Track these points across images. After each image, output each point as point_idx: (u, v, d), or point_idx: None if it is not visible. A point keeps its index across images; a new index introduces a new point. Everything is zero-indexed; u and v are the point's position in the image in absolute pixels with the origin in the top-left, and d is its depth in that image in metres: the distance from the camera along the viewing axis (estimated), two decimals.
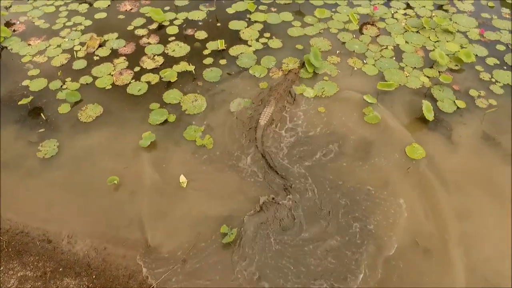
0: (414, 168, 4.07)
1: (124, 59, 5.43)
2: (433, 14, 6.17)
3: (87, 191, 3.97)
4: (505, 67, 5.25)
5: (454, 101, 4.77)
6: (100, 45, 5.70)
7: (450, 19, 6.06)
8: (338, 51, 5.54)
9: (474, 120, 4.56)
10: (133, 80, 5.11)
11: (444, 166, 4.08)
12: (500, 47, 5.57)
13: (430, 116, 4.48)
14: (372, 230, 3.60)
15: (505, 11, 6.30)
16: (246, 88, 4.95)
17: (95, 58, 5.49)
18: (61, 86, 5.04)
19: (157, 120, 4.56)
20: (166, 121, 4.57)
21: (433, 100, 4.79)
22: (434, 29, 5.88)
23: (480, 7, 6.38)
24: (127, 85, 5.05)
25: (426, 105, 4.50)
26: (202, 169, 4.11)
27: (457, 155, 4.19)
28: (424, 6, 6.39)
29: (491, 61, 5.34)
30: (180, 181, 3.95)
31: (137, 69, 5.28)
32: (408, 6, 6.40)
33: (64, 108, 4.76)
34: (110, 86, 5.04)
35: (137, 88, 4.98)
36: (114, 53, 5.56)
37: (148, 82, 5.08)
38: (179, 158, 4.22)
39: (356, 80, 5.06)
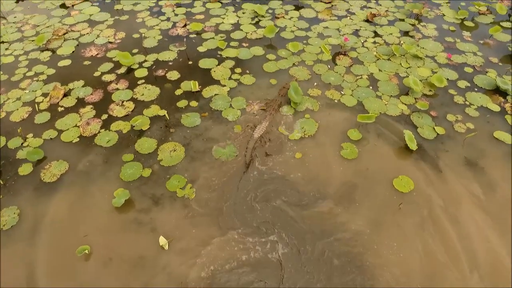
0: (405, 204, 3.93)
1: (91, 108, 5.10)
2: (401, 41, 6.33)
3: (53, 266, 3.50)
4: (476, 89, 5.37)
5: (434, 128, 4.76)
6: (65, 95, 5.35)
7: (418, 45, 6.23)
8: (315, 83, 5.49)
9: (455, 146, 4.54)
10: (102, 130, 4.77)
11: (434, 198, 3.96)
12: (468, 69, 5.74)
13: (413, 145, 4.41)
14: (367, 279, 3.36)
15: (466, 34, 6.58)
16: (224, 132, 4.73)
17: (60, 109, 5.12)
18: (22, 143, 4.61)
19: (131, 175, 4.21)
20: (141, 175, 4.23)
21: (414, 127, 4.77)
22: (404, 55, 6.00)
23: (443, 31, 6.63)
24: (96, 135, 4.70)
25: (408, 135, 4.45)
26: (185, 225, 3.77)
27: (445, 185, 4.10)
28: (391, 34, 6.57)
29: (462, 84, 5.46)
30: (160, 243, 3.58)
31: (105, 117, 4.95)
32: (376, 34, 6.55)
33: (25, 169, 4.31)
34: (78, 139, 4.67)
35: (106, 138, 4.63)
36: (81, 102, 5.22)
37: (119, 131, 4.75)
38: (159, 215, 3.87)
39: (336, 114, 4.97)
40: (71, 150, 4.55)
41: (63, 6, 7.53)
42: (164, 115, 4.89)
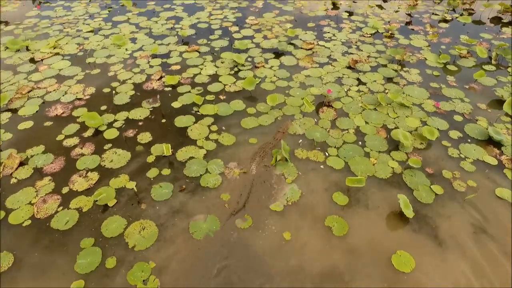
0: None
1: (50, 180, 4.52)
2: (386, 90, 6.10)
3: None
4: (469, 140, 5.07)
5: (430, 187, 4.36)
6: (22, 163, 4.78)
7: (403, 92, 6.00)
8: (300, 141, 5.08)
9: (458, 209, 4.11)
10: (60, 208, 4.17)
11: (439, 281, 3.46)
12: (458, 118, 5.48)
13: (409, 213, 3.97)
14: None
15: (450, 78, 6.43)
16: (202, 203, 4.19)
17: (12, 181, 4.53)
18: None
19: (88, 265, 3.58)
20: (102, 264, 3.61)
21: (409, 190, 4.35)
22: (390, 104, 5.73)
23: (427, 76, 6.47)
24: (52, 216, 4.09)
25: (404, 201, 4.01)
26: None
27: (450, 262, 3.61)
28: (375, 80, 6.36)
29: (454, 134, 5.16)
30: None
31: (66, 190, 4.38)
32: (360, 82, 6.33)
33: None
34: (29, 221, 4.05)
35: (64, 220, 4.03)
36: (38, 173, 4.65)
37: (79, 209, 4.17)
38: None
39: (321, 179, 4.52)
40: (20, 236, 3.91)
41: (32, 60, 7.14)
42: (133, 188, 4.35)
